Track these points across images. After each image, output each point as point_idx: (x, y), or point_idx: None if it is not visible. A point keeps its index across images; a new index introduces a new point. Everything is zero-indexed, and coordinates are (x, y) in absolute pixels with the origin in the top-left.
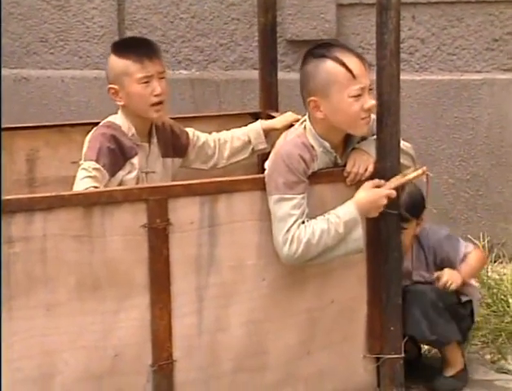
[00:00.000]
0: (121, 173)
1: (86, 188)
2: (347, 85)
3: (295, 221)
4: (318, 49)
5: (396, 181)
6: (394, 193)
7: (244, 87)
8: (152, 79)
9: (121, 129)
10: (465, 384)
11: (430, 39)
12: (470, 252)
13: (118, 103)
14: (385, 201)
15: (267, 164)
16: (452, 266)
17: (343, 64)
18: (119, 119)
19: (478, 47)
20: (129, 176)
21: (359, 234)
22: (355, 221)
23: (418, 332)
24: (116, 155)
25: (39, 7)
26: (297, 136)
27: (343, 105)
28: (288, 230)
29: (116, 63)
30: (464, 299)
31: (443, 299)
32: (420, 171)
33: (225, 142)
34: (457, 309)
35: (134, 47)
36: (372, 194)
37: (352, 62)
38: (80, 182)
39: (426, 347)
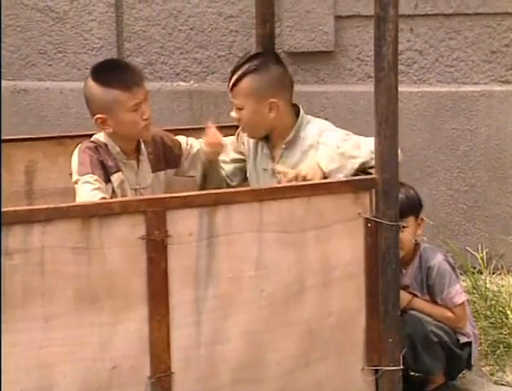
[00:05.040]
0: (110, 185)
1: (101, 198)
2: None
3: None
4: None
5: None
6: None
7: None
8: (140, 104)
9: (106, 147)
10: None
11: (428, 51)
12: (454, 307)
13: (106, 130)
14: None
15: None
16: (432, 296)
17: None
18: (104, 138)
19: (475, 59)
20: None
21: None
22: None
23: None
24: (104, 167)
25: (38, 19)
26: None
27: None
28: None
29: (103, 93)
30: (462, 340)
31: (438, 335)
32: None
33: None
34: (453, 348)
35: (120, 75)
36: None
37: None
38: (87, 194)
39: None
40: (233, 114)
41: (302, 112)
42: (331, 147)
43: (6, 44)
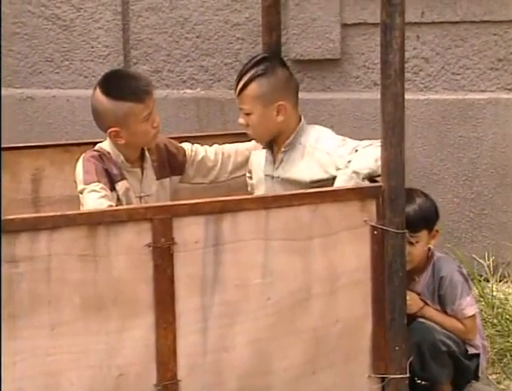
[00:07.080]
0: (114, 193)
1: (108, 206)
2: None
3: None
4: None
5: None
6: None
7: None
8: (151, 112)
9: (110, 156)
10: None
11: (434, 59)
12: (465, 319)
13: (119, 142)
14: None
15: None
16: (443, 306)
17: None
18: (108, 146)
19: (482, 67)
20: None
21: None
22: None
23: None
24: (109, 175)
25: (44, 27)
26: None
27: None
28: None
29: (116, 106)
30: (471, 351)
31: (446, 344)
32: None
33: (229, 157)
34: (461, 358)
35: (131, 86)
36: None
37: None
38: (94, 203)
39: None
40: (241, 120)
41: (303, 119)
42: (324, 152)
43: (13, 52)
